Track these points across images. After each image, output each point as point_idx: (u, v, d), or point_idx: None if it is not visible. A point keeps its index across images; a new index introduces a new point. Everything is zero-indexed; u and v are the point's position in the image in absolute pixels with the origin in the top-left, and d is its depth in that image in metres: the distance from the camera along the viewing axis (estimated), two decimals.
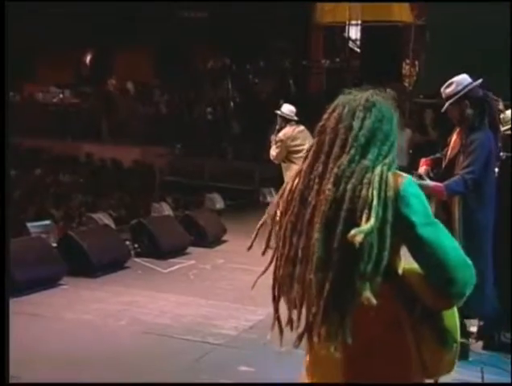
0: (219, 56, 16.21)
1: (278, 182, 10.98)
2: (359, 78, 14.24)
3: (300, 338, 1.88)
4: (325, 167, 1.85)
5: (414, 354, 1.85)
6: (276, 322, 1.99)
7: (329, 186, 1.80)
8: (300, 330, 1.88)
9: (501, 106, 4.47)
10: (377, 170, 1.80)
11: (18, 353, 3.35)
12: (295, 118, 8.04)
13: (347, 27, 15.35)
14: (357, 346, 1.77)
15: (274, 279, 1.97)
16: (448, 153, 4.47)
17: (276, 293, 1.97)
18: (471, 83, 4.31)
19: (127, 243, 7.40)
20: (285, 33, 15.30)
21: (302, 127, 8.13)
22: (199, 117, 15.24)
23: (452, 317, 1.91)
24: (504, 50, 10.63)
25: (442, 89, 4.37)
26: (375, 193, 1.76)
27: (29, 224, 7.29)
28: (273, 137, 8.06)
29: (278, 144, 7.92)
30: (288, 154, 7.93)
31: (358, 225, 1.73)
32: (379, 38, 14.25)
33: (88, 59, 19.00)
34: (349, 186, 1.78)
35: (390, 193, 1.78)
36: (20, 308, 5.12)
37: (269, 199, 11.11)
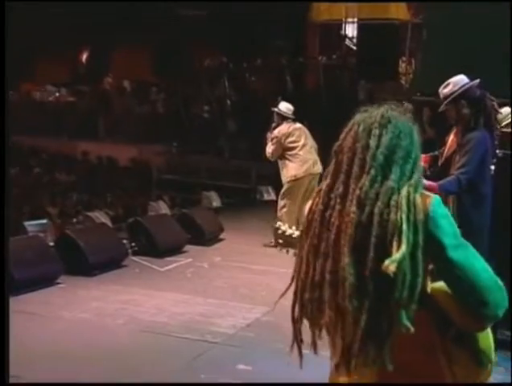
0: (216, 54, 16.20)
1: (275, 180, 11.07)
2: (355, 75, 14.29)
3: (338, 367, 1.84)
4: (346, 188, 1.80)
5: (448, 376, 1.81)
6: (296, 346, 1.96)
7: (353, 208, 1.76)
8: (336, 356, 1.84)
9: (495, 105, 4.49)
10: (404, 192, 1.76)
11: (15, 352, 3.35)
12: (292, 116, 8.06)
13: (343, 25, 15.36)
14: (390, 370, 1.74)
15: (296, 301, 1.91)
16: (445, 151, 4.49)
17: (297, 316, 1.92)
18: (468, 83, 4.34)
19: (124, 241, 7.39)
20: (282, 31, 15.30)
21: (298, 125, 8.16)
22: (196, 115, 15.23)
23: (486, 337, 1.89)
24: (501, 48, 10.64)
25: (439, 90, 4.40)
26: (404, 217, 1.72)
27: (26, 223, 7.29)
28: (269, 135, 8.08)
29: (274, 141, 7.95)
30: (283, 152, 7.96)
31: (389, 251, 1.70)
32: (375, 35, 14.25)
33: (84, 57, 18.98)
34: (376, 210, 1.74)
35: (420, 216, 1.74)
36: (17, 307, 5.11)
37: (266, 197, 11.12)
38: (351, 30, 15.85)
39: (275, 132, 7.99)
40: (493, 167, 4.40)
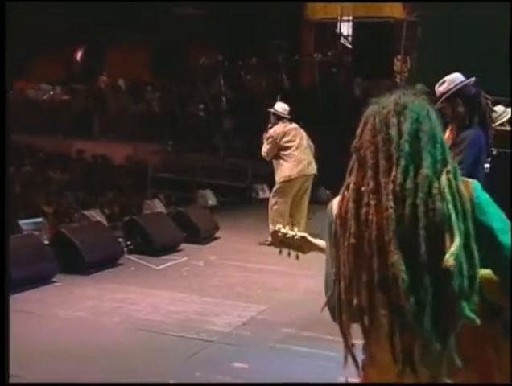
0: (211, 53, 16.19)
1: (270, 178, 11.06)
2: (351, 74, 14.30)
3: (403, 373, 1.71)
4: (377, 182, 1.72)
5: (496, 368, 1.77)
6: (348, 351, 1.80)
7: (390, 203, 1.67)
8: (395, 359, 1.72)
9: (490, 104, 4.51)
10: (443, 180, 1.69)
11: (11, 351, 3.34)
12: (288, 116, 8.09)
13: (339, 23, 15.37)
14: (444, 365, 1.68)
15: (341, 306, 1.79)
16: None
17: (344, 320, 1.79)
18: (463, 81, 4.36)
19: (120, 240, 7.39)
20: (277, 29, 15.31)
21: (294, 125, 8.19)
22: (191, 114, 15.21)
23: None
24: (496, 46, 10.66)
25: (435, 87, 4.42)
26: (451, 206, 1.65)
27: (21, 222, 7.27)
28: (265, 135, 8.10)
29: (269, 141, 8.01)
30: (278, 151, 7.99)
31: (441, 242, 1.64)
32: (371, 34, 14.27)
33: (79, 55, 18.93)
34: (419, 201, 1.66)
35: (467, 204, 1.69)
36: (13, 306, 5.06)
37: (261, 195, 11.12)
38: (346, 29, 15.87)
39: (271, 131, 8.04)
40: (487, 165, 4.42)
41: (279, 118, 8.07)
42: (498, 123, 5.37)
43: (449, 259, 1.63)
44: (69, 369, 4.20)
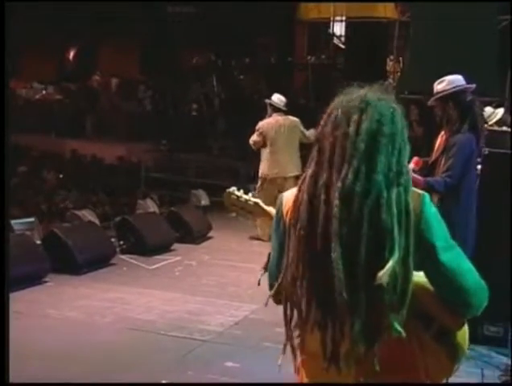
0: (204, 52, 16.18)
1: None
2: (344, 74, 14.32)
3: (328, 368, 1.75)
4: (329, 176, 1.70)
5: (421, 368, 1.79)
6: (289, 347, 1.85)
7: (336, 201, 1.66)
8: (323, 355, 1.76)
9: (483, 114, 4.56)
10: (393, 193, 1.66)
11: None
12: (284, 108, 8.04)
13: (331, 23, 15.38)
14: (368, 365, 1.71)
15: (286, 298, 1.82)
16: (434, 152, 4.56)
17: (289, 313, 1.82)
18: (461, 86, 4.38)
19: (112, 240, 7.38)
20: (270, 29, 15.31)
21: (288, 119, 8.05)
22: (184, 114, 15.19)
23: (463, 332, 1.87)
24: (488, 46, 10.71)
25: (434, 84, 4.43)
26: (395, 221, 1.64)
27: (13, 222, 7.23)
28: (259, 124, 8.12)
29: (257, 133, 8.01)
30: (263, 145, 8.00)
31: (381, 254, 1.64)
32: (363, 34, 14.30)
33: (71, 54, 18.86)
34: (366, 208, 1.64)
35: (411, 221, 1.68)
36: None
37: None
38: (339, 29, 15.89)
39: (260, 123, 8.04)
40: (479, 166, 4.46)
41: (276, 110, 7.99)
42: (490, 123, 5.41)
43: (383, 275, 1.63)
44: (62, 369, 4.19)
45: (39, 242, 6.65)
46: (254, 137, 7.99)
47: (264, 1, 14.19)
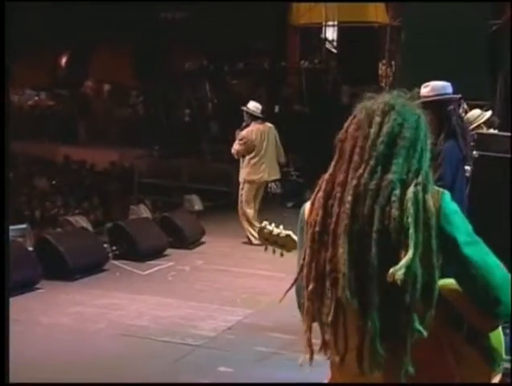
0: (197, 57, 16.20)
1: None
2: (337, 79, 14.37)
3: (342, 360, 1.73)
4: (346, 176, 1.73)
5: (457, 376, 1.75)
6: (308, 345, 1.79)
7: (349, 198, 1.69)
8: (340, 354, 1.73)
9: (465, 105, 4.56)
10: (410, 191, 1.67)
11: None
12: (261, 115, 8.25)
13: (323, 28, 15.43)
14: (397, 370, 1.68)
15: (303, 294, 1.80)
16: None
17: (305, 311, 1.79)
18: (445, 94, 4.38)
19: (105, 245, 7.35)
20: (263, 34, 15.35)
21: (267, 125, 8.30)
22: (176, 119, 15.20)
23: (497, 335, 1.84)
24: (480, 50, 10.77)
25: (421, 88, 4.44)
26: (411, 220, 1.64)
27: None
28: (237, 132, 8.24)
29: (242, 142, 8.16)
30: (246, 153, 8.17)
31: (395, 252, 1.63)
32: (355, 38, 14.35)
33: (64, 60, 18.85)
34: (377, 206, 1.66)
35: (432, 218, 1.67)
36: None
37: None
38: (331, 34, 15.94)
39: (244, 132, 8.18)
40: (468, 167, 4.48)
41: (253, 118, 8.18)
42: (475, 125, 5.44)
43: (396, 272, 1.61)
44: (54, 376, 4.17)
45: (31, 248, 6.63)
46: (237, 147, 8.17)
47: (256, 1, 14.17)
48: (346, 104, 12.47)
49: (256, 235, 8.07)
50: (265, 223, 2.67)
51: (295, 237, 2.60)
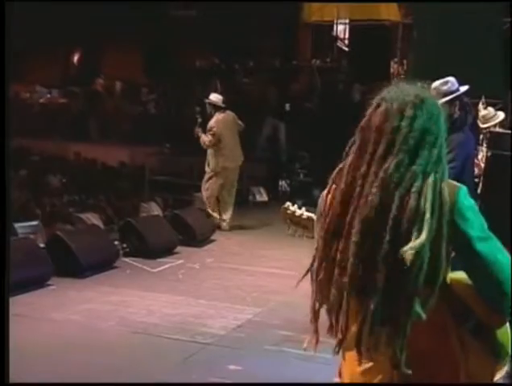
0: (208, 56, 16.19)
1: (265, 180, 11.00)
2: (349, 77, 14.32)
3: (339, 346, 1.78)
4: (369, 168, 1.73)
5: (462, 364, 1.78)
6: (314, 331, 1.85)
7: (374, 189, 1.70)
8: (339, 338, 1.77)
9: (480, 104, 4.58)
10: (430, 180, 1.70)
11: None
12: (223, 105, 8.79)
13: (335, 26, 15.38)
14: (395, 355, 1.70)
15: (313, 283, 1.83)
16: None
17: (315, 299, 1.83)
18: (465, 87, 4.41)
19: (116, 243, 7.37)
20: (274, 32, 15.31)
21: (229, 114, 8.83)
22: (187, 117, 15.19)
23: (504, 330, 1.86)
24: (493, 48, 10.69)
25: (435, 85, 4.40)
26: (428, 206, 1.67)
27: (16, 225, 7.24)
28: (197, 130, 8.77)
29: (211, 132, 8.62)
30: (216, 142, 8.64)
31: (407, 237, 1.66)
32: (367, 37, 14.29)
33: (75, 58, 18.91)
34: (397, 194, 1.69)
35: (446, 206, 1.70)
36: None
37: (258, 198, 11.11)
38: (343, 32, 15.88)
39: (212, 122, 8.66)
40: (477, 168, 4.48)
41: (216, 108, 8.74)
42: (492, 124, 5.41)
43: (407, 252, 1.64)
44: (65, 372, 4.19)
45: (42, 245, 6.66)
46: (208, 138, 8.64)
47: (268, 0, 14.14)
48: (357, 103, 12.43)
49: (224, 217, 8.63)
50: (288, 203, 2.70)
51: None
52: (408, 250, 1.63)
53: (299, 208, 2.68)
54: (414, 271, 1.65)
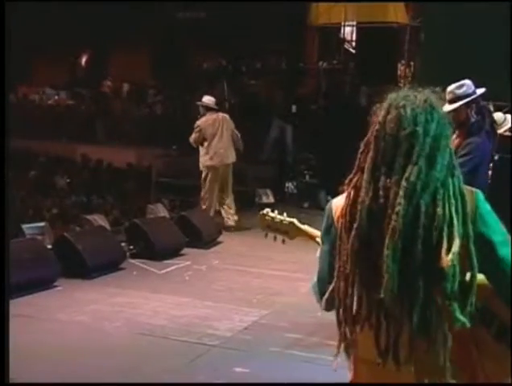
0: (214, 57, 16.21)
1: (272, 182, 11.00)
2: (356, 79, 14.30)
3: (386, 358, 1.73)
4: (389, 178, 1.71)
5: (479, 370, 1.79)
6: (343, 347, 1.81)
7: (399, 200, 1.68)
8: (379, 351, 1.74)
9: (491, 107, 4.55)
10: (449, 184, 1.71)
11: (12, 355, 3.35)
12: (215, 107, 9.16)
13: (342, 28, 15.36)
14: (429, 363, 1.70)
15: (339, 299, 1.79)
16: None
17: (342, 316, 1.79)
18: (482, 90, 4.39)
19: (122, 244, 7.38)
20: (281, 34, 15.31)
21: (220, 115, 9.12)
22: (194, 118, 15.20)
23: None
24: (501, 50, 10.65)
25: (450, 89, 4.36)
26: (453, 210, 1.68)
27: (24, 226, 7.27)
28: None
29: (196, 130, 8.99)
30: (203, 141, 8.94)
31: (438, 245, 1.66)
32: (374, 39, 14.26)
33: (83, 60, 18.98)
34: (423, 203, 1.68)
35: (468, 209, 1.71)
36: (15, 310, 5.09)
37: (264, 199, 11.10)
38: (350, 34, 15.86)
39: (198, 121, 9.04)
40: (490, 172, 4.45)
41: (208, 109, 9.08)
42: (504, 129, 5.39)
43: (446, 258, 1.64)
44: (71, 373, 4.19)
45: (49, 246, 6.67)
46: (193, 135, 8.99)
47: (275, 0, 14.13)
48: (364, 105, 12.41)
49: (230, 216, 8.89)
50: (267, 210, 2.66)
51: (299, 225, 2.60)
52: (447, 257, 1.64)
53: (280, 214, 2.65)
54: (449, 278, 1.65)
